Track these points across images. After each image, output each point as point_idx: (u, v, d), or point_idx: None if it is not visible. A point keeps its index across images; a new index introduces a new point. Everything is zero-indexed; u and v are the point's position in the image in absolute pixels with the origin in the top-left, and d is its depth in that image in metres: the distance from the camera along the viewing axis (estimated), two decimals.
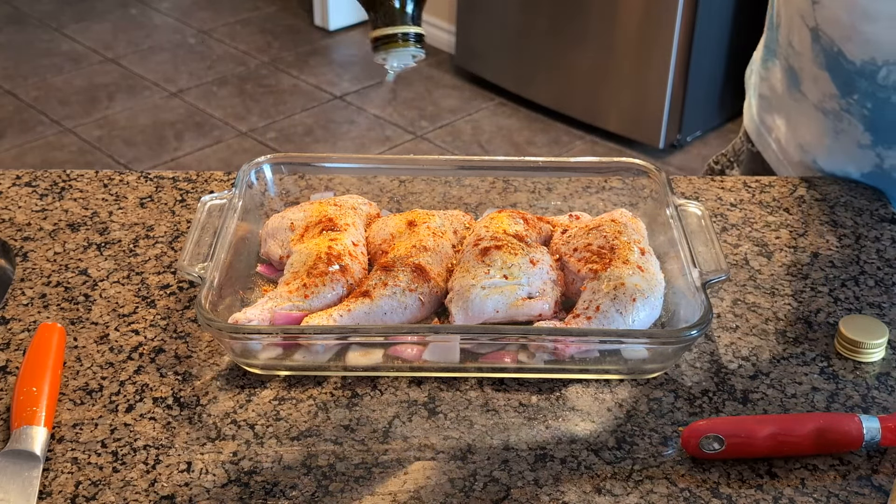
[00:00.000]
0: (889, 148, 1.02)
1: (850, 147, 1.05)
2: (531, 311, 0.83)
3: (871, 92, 0.99)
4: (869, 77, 0.97)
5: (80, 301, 0.89)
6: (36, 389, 0.76)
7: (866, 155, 1.04)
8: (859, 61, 0.97)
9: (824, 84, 1.03)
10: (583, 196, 1.02)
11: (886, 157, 1.03)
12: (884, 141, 1.02)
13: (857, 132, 1.03)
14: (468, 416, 0.78)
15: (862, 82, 0.98)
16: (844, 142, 1.05)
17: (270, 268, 0.92)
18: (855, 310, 0.90)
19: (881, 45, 0.95)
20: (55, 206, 1.01)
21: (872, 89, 0.98)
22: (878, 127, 1.01)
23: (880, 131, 1.01)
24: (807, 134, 1.09)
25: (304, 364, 0.81)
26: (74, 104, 3.40)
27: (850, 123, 1.03)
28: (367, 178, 1.03)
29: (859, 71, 0.98)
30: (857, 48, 0.97)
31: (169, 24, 4.00)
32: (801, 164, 1.12)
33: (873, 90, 0.98)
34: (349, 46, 3.88)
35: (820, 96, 1.04)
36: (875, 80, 0.97)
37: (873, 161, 1.04)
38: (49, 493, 0.71)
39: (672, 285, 0.86)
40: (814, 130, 1.08)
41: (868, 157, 1.04)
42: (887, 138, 1.01)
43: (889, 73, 0.96)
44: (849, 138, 1.04)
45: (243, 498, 0.71)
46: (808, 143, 1.10)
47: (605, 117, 3.20)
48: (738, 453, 0.73)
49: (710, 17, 2.96)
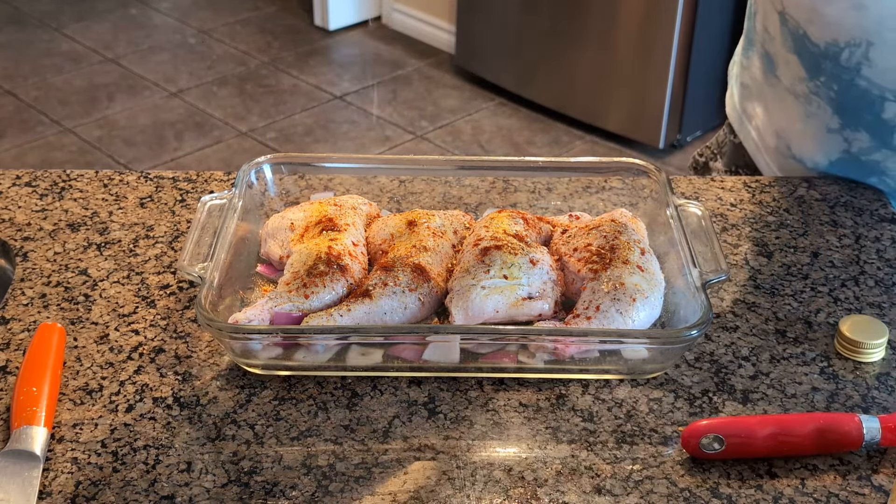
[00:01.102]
0: (855, 130, 1.03)
1: (819, 132, 1.06)
2: (531, 311, 0.83)
3: (836, 74, 1.00)
4: (833, 59, 0.98)
5: (80, 301, 0.89)
6: (36, 389, 0.76)
7: (835, 140, 1.06)
8: (823, 43, 0.98)
9: (794, 67, 1.04)
10: (583, 196, 1.02)
11: (854, 141, 1.04)
12: (851, 124, 1.03)
13: (826, 115, 1.04)
14: (468, 416, 0.78)
15: (827, 64, 1.00)
16: (815, 125, 1.06)
17: (270, 268, 0.92)
18: (855, 310, 0.90)
19: (842, 26, 0.96)
20: (55, 206, 1.01)
21: (837, 71, 0.99)
22: (845, 109, 1.02)
23: (847, 114, 1.03)
24: (782, 119, 1.11)
25: (304, 364, 0.81)
26: (74, 104, 3.40)
27: (819, 106, 1.04)
28: (367, 178, 1.03)
29: (823, 53, 0.99)
30: (819, 30, 0.98)
31: (169, 24, 4.00)
32: (777, 150, 1.14)
33: (838, 72, 0.99)
34: (349, 46, 3.88)
35: (791, 80, 1.06)
36: (838, 61, 0.98)
37: (841, 146, 1.06)
38: (49, 493, 0.71)
39: (672, 285, 0.86)
40: (788, 115, 1.10)
41: (836, 143, 1.06)
42: (853, 121, 1.03)
43: (851, 54, 0.97)
44: (819, 122, 1.06)
45: (243, 498, 0.71)
46: (783, 129, 1.12)
47: (605, 117, 3.20)
48: (738, 453, 0.73)
49: (710, 17, 2.96)
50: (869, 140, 1.03)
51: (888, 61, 0.95)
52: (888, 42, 0.94)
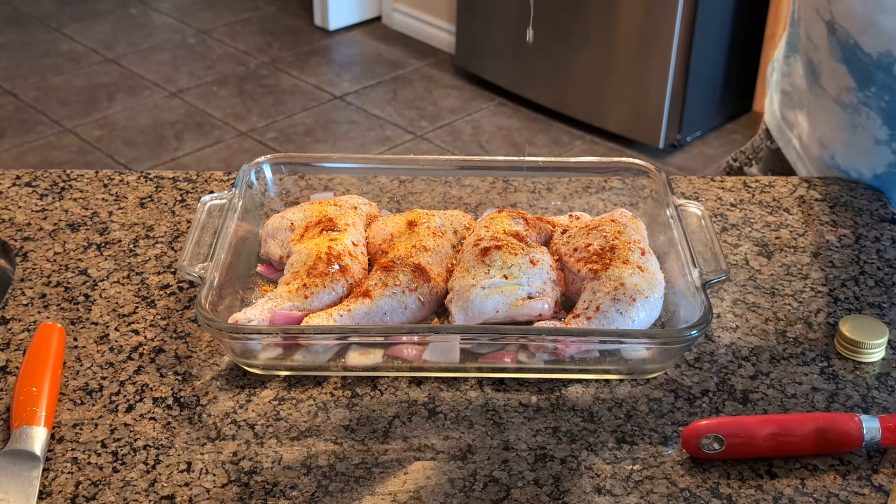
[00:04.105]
0: None
1: (866, 143, 1.05)
2: (531, 311, 0.83)
3: (887, 84, 0.99)
4: (886, 69, 0.98)
5: (80, 301, 0.89)
6: (36, 389, 0.76)
7: (882, 152, 1.05)
8: (876, 53, 0.98)
9: (842, 77, 1.03)
10: (583, 196, 1.02)
11: None
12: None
13: (875, 126, 1.03)
14: (468, 416, 0.78)
15: (879, 74, 0.99)
16: (862, 136, 1.05)
17: (270, 268, 0.92)
18: (855, 310, 0.90)
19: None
20: (55, 206, 1.01)
21: (889, 81, 0.99)
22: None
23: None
24: (826, 129, 1.10)
25: (304, 364, 0.81)
26: (74, 104, 3.40)
27: (868, 117, 1.03)
28: (367, 178, 1.03)
29: (876, 63, 0.98)
30: (872, 40, 0.97)
31: (169, 24, 4.00)
32: (820, 160, 1.12)
33: (890, 82, 0.99)
34: (349, 46, 3.88)
35: (838, 90, 1.05)
36: (892, 72, 0.97)
37: (888, 158, 1.05)
38: (49, 493, 0.71)
39: (672, 285, 0.86)
40: (833, 125, 1.08)
41: (884, 155, 1.05)
42: None
43: None
44: (866, 133, 1.05)
45: (243, 498, 0.71)
46: (828, 139, 1.10)
47: (605, 117, 3.20)
48: (738, 453, 0.73)
49: (710, 16, 2.96)
50: None
51: None
52: None
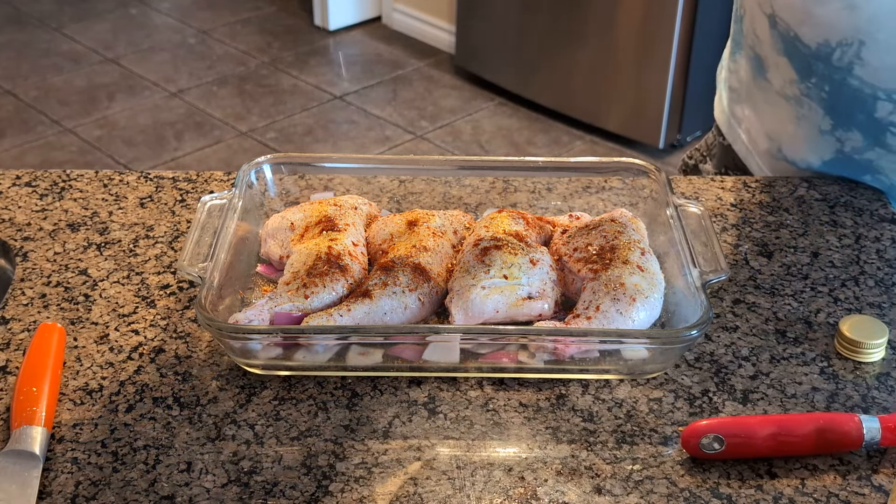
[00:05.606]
0: (848, 130, 1.03)
1: (811, 133, 1.07)
2: (531, 311, 0.83)
3: (827, 74, 1.00)
4: (824, 59, 0.99)
5: (80, 301, 0.89)
6: (36, 389, 0.76)
7: (827, 141, 1.06)
8: (814, 44, 0.99)
9: (785, 70, 1.05)
10: (583, 196, 1.02)
11: (846, 141, 1.04)
12: (843, 124, 1.03)
13: (818, 117, 1.04)
14: (468, 416, 0.78)
15: (818, 65, 1.00)
16: (806, 128, 1.07)
17: (270, 268, 0.92)
18: (855, 310, 0.90)
19: (833, 27, 0.96)
20: (55, 206, 1.01)
21: (828, 72, 1.00)
22: (837, 110, 1.02)
23: (839, 114, 1.03)
24: (773, 122, 1.12)
25: (304, 364, 0.81)
26: (74, 104, 3.40)
27: (811, 108, 1.04)
28: (367, 178, 1.03)
29: (815, 54, 0.99)
30: (811, 31, 0.98)
31: (169, 24, 4.00)
32: (768, 153, 1.14)
33: (829, 72, 1.00)
34: (349, 46, 3.88)
35: (782, 82, 1.06)
36: (830, 62, 0.98)
37: (834, 146, 1.06)
38: (49, 493, 0.71)
39: (672, 285, 0.86)
40: (779, 118, 1.10)
41: (829, 143, 1.06)
42: (846, 121, 1.03)
43: (843, 54, 0.97)
44: (810, 124, 1.06)
45: (243, 498, 0.71)
46: (774, 132, 1.12)
47: (605, 117, 3.20)
48: (738, 453, 0.73)
49: (710, 16, 2.96)
50: (861, 139, 1.03)
51: (880, 60, 0.95)
52: (880, 41, 0.94)
